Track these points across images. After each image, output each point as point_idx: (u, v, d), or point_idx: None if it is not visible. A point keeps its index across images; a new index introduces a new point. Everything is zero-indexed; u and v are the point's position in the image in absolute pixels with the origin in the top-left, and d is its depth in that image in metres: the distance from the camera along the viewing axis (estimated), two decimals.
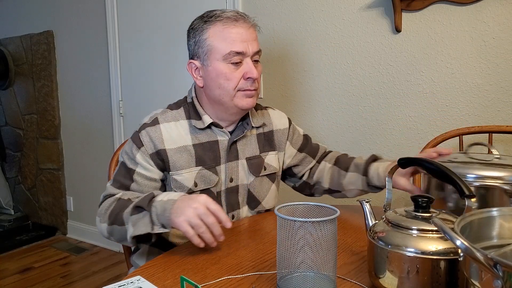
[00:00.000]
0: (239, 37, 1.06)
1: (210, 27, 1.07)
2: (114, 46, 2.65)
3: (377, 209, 0.90)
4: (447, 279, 0.66)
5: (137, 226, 0.95)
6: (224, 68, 1.06)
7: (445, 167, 0.73)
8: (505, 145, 1.53)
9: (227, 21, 1.06)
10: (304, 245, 0.71)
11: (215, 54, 1.07)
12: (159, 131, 1.09)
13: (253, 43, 1.08)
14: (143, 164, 1.08)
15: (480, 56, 1.54)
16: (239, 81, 1.07)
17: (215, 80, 1.08)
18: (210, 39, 1.07)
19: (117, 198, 1.04)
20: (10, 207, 3.45)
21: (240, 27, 1.06)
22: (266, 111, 1.27)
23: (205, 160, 1.11)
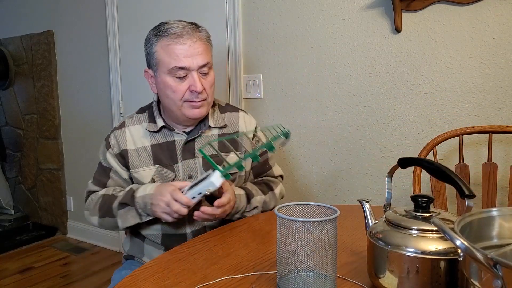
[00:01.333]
0: (183, 53, 1.12)
1: (158, 41, 1.14)
2: (114, 46, 2.65)
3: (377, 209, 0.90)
4: (447, 279, 0.66)
5: (126, 219, 1.15)
6: (170, 81, 1.14)
7: (445, 167, 0.73)
8: (505, 145, 1.53)
9: (172, 37, 1.12)
10: (304, 245, 0.71)
11: (162, 67, 1.15)
12: (124, 133, 1.23)
13: (197, 57, 1.13)
14: (113, 163, 1.22)
15: (480, 56, 1.54)
16: (185, 93, 1.15)
17: (163, 90, 1.17)
18: (158, 53, 1.15)
19: (102, 194, 1.20)
20: (10, 207, 3.45)
21: (184, 43, 1.12)
22: (237, 114, 1.32)
23: (162, 159, 1.20)
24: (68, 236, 3.20)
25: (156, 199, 1.08)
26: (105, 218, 1.18)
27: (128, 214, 1.14)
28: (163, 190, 1.08)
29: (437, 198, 1.39)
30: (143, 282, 0.82)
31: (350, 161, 1.86)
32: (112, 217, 1.17)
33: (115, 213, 1.16)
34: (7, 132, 3.50)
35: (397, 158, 0.84)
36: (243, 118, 1.32)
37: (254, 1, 2.05)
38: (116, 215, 1.16)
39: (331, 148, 1.91)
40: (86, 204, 1.24)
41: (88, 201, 1.24)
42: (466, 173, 1.42)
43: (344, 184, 1.90)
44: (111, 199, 1.18)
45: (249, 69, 2.10)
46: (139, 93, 2.58)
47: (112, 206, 1.16)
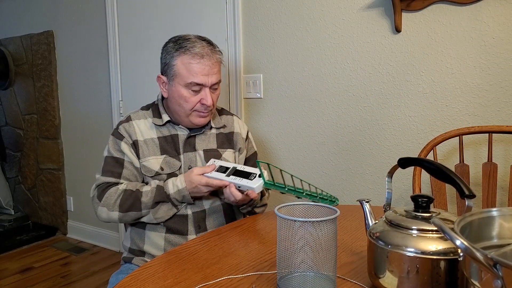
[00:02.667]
0: (202, 71, 1.25)
1: (180, 56, 1.26)
2: (114, 46, 2.65)
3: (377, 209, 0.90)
4: (447, 279, 0.66)
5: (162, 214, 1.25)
6: (184, 93, 1.27)
7: (445, 167, 0.73)
8: (505, 145, 1.53)
9: (194, 56, 1.24)
10: (304, 245, 0.71)
11: (179, 79, 1.26)
12: (133, 126, 1.32)
13: (213, 76, 1.27)
14: (128, 153, 1.29)
15: (480, 56, 1.54)
16: (196, 104, 1.27)
17: (176, 99, 1.29)
18: (177, 66, 1.26)
19: (123, 189, 1.25)
20: (10, 207, 3.45)
21: (204, 64, 1.25)
22: (231, 117, 1.46)
23: (168, 150, 1.31)
24: (68, 236, 3.20)
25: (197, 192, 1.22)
26: (129, 213, 1.24)
27: (165, 210, 1.25)
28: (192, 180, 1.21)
29: (437, 198, 1.39)
30: (143, 282, 0.82)
31: (350, 161, 1.86)
32: (138, 211, 1.24)
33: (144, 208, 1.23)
34: (7, 132, 3.50)
35: (397, 158, 0.84)
36: (237, 121, 1.46)
37: (254, 1, 2.05)
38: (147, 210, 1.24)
39: (331, 148, 1.91)
40: (103, 200, 1.25)
41: (106, 195, 1.25)
42: (466, 173, 1.42)
43: (344, 184, 1.90)
44: (137, 194, 1.24)
45: (249, 69, 2.10)
46: (139, 93, 2.58)
47: (141, 200, 1.23)
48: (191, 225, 1.27)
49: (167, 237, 1.27)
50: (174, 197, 1.23)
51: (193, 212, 1.28)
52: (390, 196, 0.82)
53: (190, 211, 1.28)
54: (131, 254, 1.32)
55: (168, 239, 1.27)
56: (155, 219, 1.25)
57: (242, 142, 1.43)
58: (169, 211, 1.26)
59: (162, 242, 1.27)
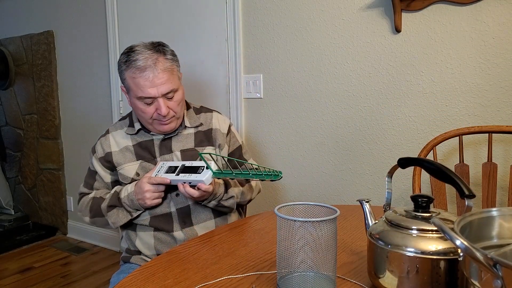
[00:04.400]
0: (147, 84, 1.22)
1: (126, 71, 1.25)
2: (114, 46, 2.65)
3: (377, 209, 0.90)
4: (447, 279, 0.66)
5: (118, 218, 1.29)
6: (139, 105, 1.27)
7: (445, 167, 0.73)
8: (505, 145, 1.53)
9: (136, 71, 1.22)
10: (304, 245, 0.71)
11: (132, 93, 1.27)
12: (108, 139, 1.37)
13: (161, 87, 1.23)
14: (97, 168, 1.36)
15: (480, 56, 1.54)
16: (153, 114, 1.27)
17: (135, 110, 1.31)
18: (127, 81, 1.27)
19: (92, 197, 1.34)
20: (10, 207, 3.45)
21: (147, 77, 1.22)
22: (211, 114, 1.43)
23: (144, 155, 1.33)
24: (68, 236, 3.20)
25: (139, 194, 1.23)
26: (96, 218, 1.32)
27: (119, 214, 1.28)
28: (140, 185, 1.23)
29: (437, 198, 1.39)
30: (143, 282, 0.82)
31: (350, 161, 1.86)
32: (102, 217, 1.31)
33: (105, 214, 1.30)
34: (7, 132, 3.50)
35: (397, 158, 0.84)
36: (217, 117, 1.43)
37: (254, 1, 2.05)
38: (106, 216, 1.30)
39: (331, 148, 1.91)
40: (79, 206, 1.38)
41: (80, 203, 1.37)
42: (466, 173, 1.42)
43: (344, 184, 1.90)
44: (99, 201, 1.32)
45: (249, 69, 2.10)
46: None
47: (101, 207, 1.30)
48: (176, 221, 1.29)
49: (155, 235, 1.30)
50: (125, 201, 1.26)
51: (177, 209, 1.29)
52: (390, 196, 0.82)
53: (174, 208, 1.29)
54: (128, 254, 1.36)
55: (157, 237, 1.30)
56: (112, 223, 1.29)
57: (222, 137, 1.40)
58: (121, 215, 1.28)
59: (152, 241, 1.30)
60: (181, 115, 1.34)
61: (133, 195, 1.24)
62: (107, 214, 1.29)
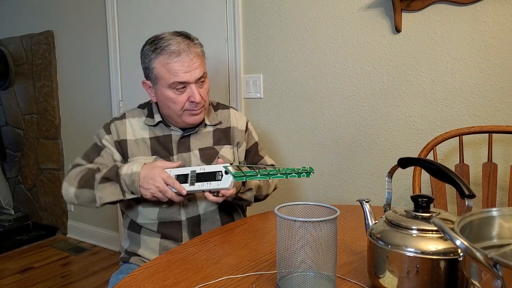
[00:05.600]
0: (182, 69, 1.19)
1: (157, 58, 1.21)
2: (114, 46, 2.65)
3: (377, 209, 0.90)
4: (447, 279, 0.66)
5: (107, 194, 1.16)
6: (170, 94, 1.22)
7: (445, 167, 0.73)
8: (505, 145, 1.53)
9: (170, 55, 1.19)
10: (304, 245, 0.71)
11: (162, 82, 1.21)
12: (125, 124, 1.29)
13: (195, 71, 1.21)
14: (109, 146, 1.27)
15: (480, 56, 1.54)
16: (185, 103, 1.22)
17: (164, 102, 1.24)
18: (157, 69, 1.21)
19: (87, 168, 1.23)
20: (10, 207, 3.45)
21: (182, 61, 1.19)
22: (228, 110, 1.40)
23: (159, 151, 1.27)
24: (68, 236, 3.20)
25: (146, 182, 1.13)
26: (83, 189, 1.18)
27: (110, 189, 1.16)
28: (154, 175, 1.13)
29: (437, 198, 1.39)
30: (143, 282, 0.82)
31: (350, 161, 1.86)
32: (91, 189, 1.17)
33: (95, 186, 1.17)
34: (7, 132, 3.50)
35: (397, 158, 0.84)
36: (234, 114, 1.40)
37: (254, 1, 2.05)
38: (95, 188, 1.17)
39: (331, 148, 1.91)
40: (68, 175, 1.24)
41: (71, 172, 1.25)
42: (466, 173, 1.42)
43: (344, 184, 1.90)
44: (95, 171, 1.20)
45: (249, 69, 2.10)
46: (139, 93, 2.58)
47: (94, 176, 1.18)
48: (185, 231, 1.25)
49: (162, 242, 1.25)
50: (124, 179, 1.15)
51: (187, 218, 1.25)
52: (390, 196, 0.82)
53: (184, 216, 1.25)
54: (127, 254, 1.32)
55: (163, 244, 1.25)
56: (98, 198, 1.16)
57: (241, 135, 1.37)
58: (113, 191, 1.16)
59: (157, 247, 1.25)
60: (208, 106, 1.31)
61: (137, 176, 1.14)
62: (97, 186, 1.17)
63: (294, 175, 1.05)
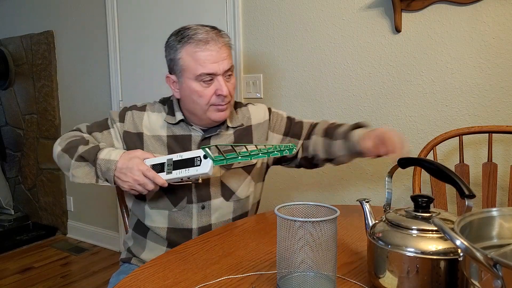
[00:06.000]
0: (210, 59, 1.12)
1: (183, 48, 1.14)
2: (114, 46, 2.65)
3: (377, 209, 0.90)
4: (447, 279, 0.66)
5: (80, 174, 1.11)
6: (196, 87, 1.14)
7: (445, 167, 0.73)
8: (505, 145, 1.53)
9: (198, 44, 1.12)
10: (304, 245, 0.71)
11: (188, 73, 1.14)
12: (142, 116, 1.23)
13: (223, 62, 1.14)
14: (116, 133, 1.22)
15: (480, 56, 1.54)
16: (211, 97, 1.15)
17: (189, 96, 1.16)
18: (183, 59, 1.14)
19: (81, 135, 1.19)
20: (10, 207, 3.45)
21: (211, 50, 1.12)
22: (246, 108, 1.32)
23: (176, 151, 1.18)
24: (68, 236, 3.20)
25: (124, 174, 1.06)
26: (65, 154, 1.14)
27: (85, 170, 1.11)
28: (132, 166, 1.05)
29: (437, 198, 1.39)
30: (143, 282, 0.82)
31: None
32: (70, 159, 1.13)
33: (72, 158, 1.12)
34: (7, 132, 3.50)
35: (397, 158, 0.84)
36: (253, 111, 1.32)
37: (254, 1, 2.05)
38: (71, 161, 1.12)
39: None
40: (65, 133, 1.22)
41: (69, 133, 1.23)
42: (466, 173, 1.42)
43: (344, 184, 1.89)
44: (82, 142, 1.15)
45: (249, 69, 2.10)
46: (139, 93, 2.58)
47: (77, 148, 1.13)
48: None
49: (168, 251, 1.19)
50: (99, 163, 1.08)
51: (198, 227, 1.20)
52: (390, 196, 0.82)
53: (196, 225, 1.20)
54: (129, 254, 1.29)
55: None
56: (71, 175, 1.11)
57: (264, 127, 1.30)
58: (86, 173, 1.10)
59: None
60: (233, 103, 1.25)
61: (114, 164, 1.07)
62: (73, 162, 1.11)
63: (276, 153, 1.03)
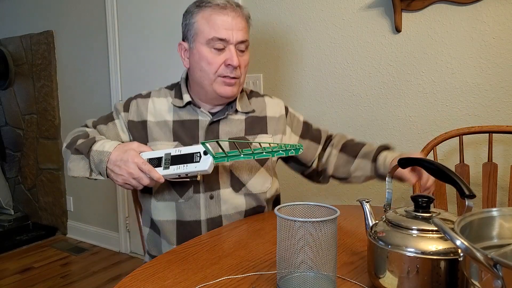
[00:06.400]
0: (224, 24, 1.10)
1: (200, 12, 1.12)
2: (114, 46, 2.65)
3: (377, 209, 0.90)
4: (447, 279, 0.66)
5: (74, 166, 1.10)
6: (206, 52, 1.11)
7: (445, 167, 0.73)
8: (505, 145, 1.53)
9: (215, 8, 1.11)
10: (304, 245, 0.71)
11: (200, 37, 1.12)
12: (147, 103, 1.20)
13: (238, 32, 1.11)
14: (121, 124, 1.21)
15: (480, 56, 1.54)
16: (220, 66, 1.12)
17: (198, 62, 1.13)
18: (198, 23, 1.12)
19: (85, 130, 1.19)
20: (10, 207, 3.45)
21: (227, 15, 1.10)
22: (262, 98, 1.29)
23: (182, 137, 1.16)
24: (68, 236, 3.20)
25: (118, 167, 1.02)
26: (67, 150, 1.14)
27: (80, 163, 1.10)
28: (127, 159, 1.02)
29: (437, 198, 1.39)
30: (143, 282, 0.82)
31: None
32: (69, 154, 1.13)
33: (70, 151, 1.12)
34: (7, 132, 3.50)
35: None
36: (269, 102, 1.29)
37: (254, 1, 2.05)
38: (69, 154, 1.12)
39: None
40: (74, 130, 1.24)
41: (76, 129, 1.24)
42: (466, 173, 1.42)
43: (344, 184, 1.89)
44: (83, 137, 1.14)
45: (249, 69, 2.09)
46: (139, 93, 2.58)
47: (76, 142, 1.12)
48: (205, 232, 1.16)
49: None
50: (93, 155, 1.06)
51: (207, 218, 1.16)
52: (390, 196, 0.82)
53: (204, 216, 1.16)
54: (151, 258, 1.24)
55: None
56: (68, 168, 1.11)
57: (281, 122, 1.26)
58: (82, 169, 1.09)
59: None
60: (243, 83, 1.20)
61: (107, 156, 1.04)
62: (70, 156, 1.11)
63: (282, 152, 0.99)
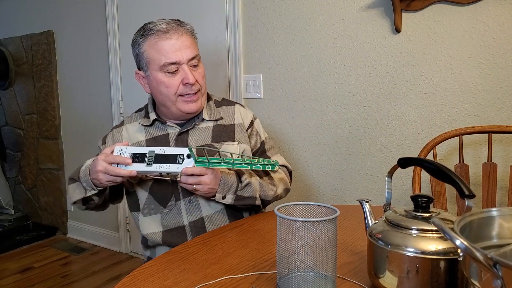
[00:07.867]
0: (171, 48, 1.14)
1: (146, 40, 1.17)
2: (114, 46, 2.65)
3: (377, 209, 0.90)
4: (447, 279, 0.66)
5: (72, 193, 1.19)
6: (162, 77, 1.17)
7: (445, 167, 0.73)
8: (505, 145, 1.53)
9: (158, 34, 1.15)
10: (304, 245, 0.71)
11: (153, 65, 1.17)
12: (121, 131, 1.29)
13: (186, 50, 1.16)
14: None
15: (480, 56, 1.54)
16: (178, 87, 1.17)
17: (157, 88, 1.19)
18: (147, 52, 1.17)
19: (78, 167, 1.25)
20: (10, 207, 3.45)
21: (171, 38, 1.15)
22: (233, 107, 1.33)
23: None
24: (68, 236, 3.20)
25: (94, 171, 1.09)
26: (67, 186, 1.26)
27: (76, 189, 1.19)
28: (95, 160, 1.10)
29: (437, 198, 1.39)
30: (143, 282, 0.82)
31: (350, 161, 1.86)
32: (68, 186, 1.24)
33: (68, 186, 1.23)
34: (7, 132, 3.50)
35: (397, 158, 0.84)
36: (239, 110, 1.32)
37: (254, 1, 2.05)
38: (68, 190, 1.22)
39: (331, 148, 1.91)
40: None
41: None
42: (466, 173, 1.42)
43: (344, 184, 1.90)
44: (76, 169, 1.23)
45: (249, 69, 2.10)
46: (139, 93, 2.58)
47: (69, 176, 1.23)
48: (190, 235, 1.22)
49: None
50: (81, 176, 1.15)
51: (189, 222, 1.22)
52: (390, 196, 0.82)
53: (187, 221, 1.22)
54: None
55: None
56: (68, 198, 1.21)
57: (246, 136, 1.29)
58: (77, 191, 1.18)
59: None
60: (205, 92, 1.25)
61: (88, 169, 1.13)
62: (68, 187, 1.22)
63: (259, 166, 1.04)
